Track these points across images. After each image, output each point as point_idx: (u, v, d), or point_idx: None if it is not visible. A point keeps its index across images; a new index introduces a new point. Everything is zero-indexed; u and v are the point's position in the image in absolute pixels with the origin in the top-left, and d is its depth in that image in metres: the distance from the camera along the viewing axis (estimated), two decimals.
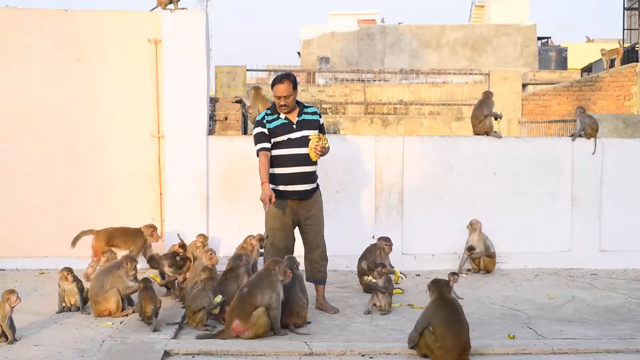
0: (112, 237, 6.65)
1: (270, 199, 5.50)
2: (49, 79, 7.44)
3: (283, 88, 5.62)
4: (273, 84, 5.69)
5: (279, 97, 5.64)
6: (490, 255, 7.45)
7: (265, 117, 5.77)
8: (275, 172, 5.69)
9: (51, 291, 6.16)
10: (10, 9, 7.80)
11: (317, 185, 5.90)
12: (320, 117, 5.87)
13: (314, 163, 5.71)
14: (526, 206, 7.82)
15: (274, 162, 5.69)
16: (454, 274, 5.78)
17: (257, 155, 5.70)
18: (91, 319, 5.44)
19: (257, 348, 4.76)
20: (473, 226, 7.45)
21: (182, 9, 7.53)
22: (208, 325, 5.25)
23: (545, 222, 7.83)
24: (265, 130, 5.70)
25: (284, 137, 5.69)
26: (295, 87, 5.68)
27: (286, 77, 5.65)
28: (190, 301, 5.30)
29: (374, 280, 5.84)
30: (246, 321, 4.92)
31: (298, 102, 5.83)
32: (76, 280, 5.66)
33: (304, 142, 5.65)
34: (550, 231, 7.83)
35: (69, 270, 5.63)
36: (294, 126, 5.71)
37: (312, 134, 5.67)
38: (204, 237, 6.65)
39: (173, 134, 7.45)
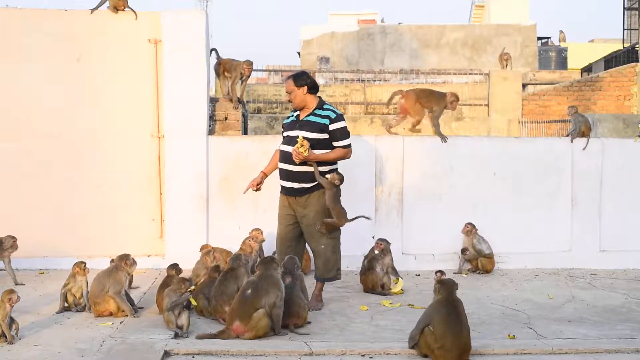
0: (419, 96, 7.63)
1: (255, 185, 5.99)
2: (49, 79, 7.44)
3: (286, 85, 5.91)
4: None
5: (287, 94, 5.92)
6: (487, 256, 7.43)
7: (290, 114, 6.11)
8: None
9: (51, 291, 6.17)
10: (10, 9, 7.79)
11: (318, 187, 5.83)
12: (332, 122, 5.78)
13: (301, 163, 5.72)
14: (526, 206, 7.81)
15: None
16: (440, 271, 6.17)
17: None
18: (91, 318, 5.44)
19: (257, 348, 4.76)
20: (465, 229, 7.45)
21: None
22: (180, 327, 5.08)
23: (545, 222, 7.83)
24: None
25: (285, 134, 5.93)
26: (299, 85, 5.82)
27: (292, 76, 5.90)
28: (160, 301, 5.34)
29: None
30: (247, 323, 4.92)
31: (320, 102, 5.90)
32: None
33: (294, 141, 5.72)
34: (550, 231, 7.83)
35: (85, 263, 5.68)
36: (297, 124, 5.84)
37: (300, 136, 5.69)
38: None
39: (173, 134, 7.45)
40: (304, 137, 5.65)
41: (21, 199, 7.40)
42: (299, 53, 25.34)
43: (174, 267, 5.70)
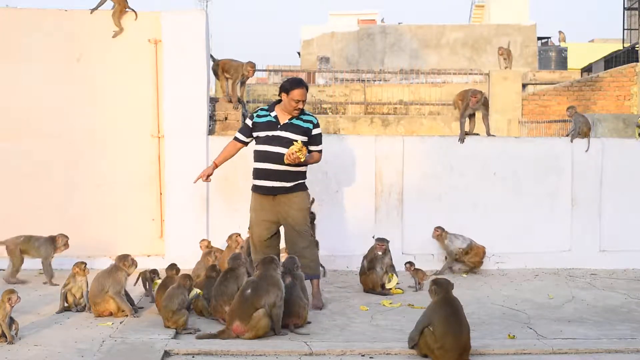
0: (459, 95, 7.99)
1: (205, 176, 5.99)
2: (49, 79, 7.44)
3: (303, 92, 5.77)
4: (292, 88, 5.73)
5: (298, 101, 5.75)
6: (466, 251, 7.31)
7: (259, 111, 5.98)
8: (253, 166, 5.91)
9: (51, 291, 6.17)
10: (10, 9, 7.81)
11: (300, 187, 5.90)
12: (315, 127, 5.91)
13: (287, 163, 5.74)
14: (526, 206, 7.81)
15: (253, 157, 5.93)
16: (409, 262, 6.70)
17: None
18: (91, 318, 5.43)
19: (257, 348, 4.76)
20: (435, 233, 7.41)
21: None
22: (189, 328, 5.14)
23: (545, 222, 7.83)
24: (250, 123, 5.94)
25: (263, 134, 5.86)
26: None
27: (304, 83, 5.84)
28: (167, 300, 5.18)
29: None
30: (247, 322, 4.92)
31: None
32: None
33: (278, 141, 5.75)
34: (550, 231, 7.83)
35: (85, 263, 5.67)
36: (279, 125, 5.82)
37: (298, 139, 5.73)
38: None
39: (173, 134, 7.45)
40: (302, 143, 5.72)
41: (21, 199, 7.40)
42: (299, 53, 25.35)
43: (173, 267, 5.70)
